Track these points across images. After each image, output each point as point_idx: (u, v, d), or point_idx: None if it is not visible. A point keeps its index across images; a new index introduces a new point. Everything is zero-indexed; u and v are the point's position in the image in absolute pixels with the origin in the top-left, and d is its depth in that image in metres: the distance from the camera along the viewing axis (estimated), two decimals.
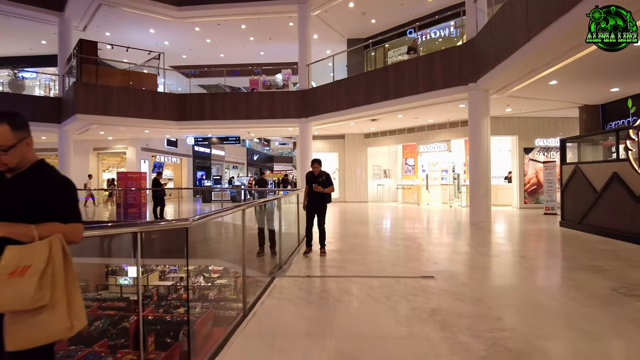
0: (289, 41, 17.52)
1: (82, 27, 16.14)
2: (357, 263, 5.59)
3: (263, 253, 6.73)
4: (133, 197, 12.81)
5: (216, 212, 2.99)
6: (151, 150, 22.23)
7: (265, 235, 6.71)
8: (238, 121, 15.27)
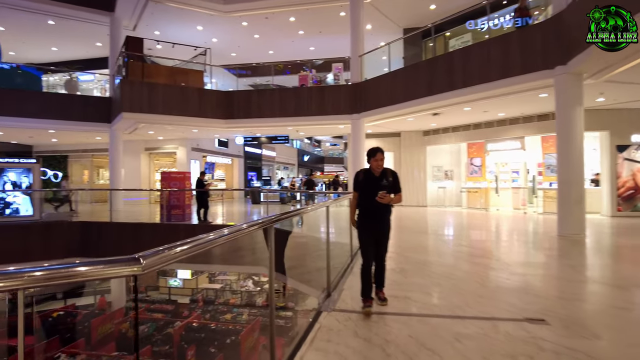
0: (340, 34, 16.35)
1: (132, 27, 15.99)
2: (429, 292, 4.27)
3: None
4: (177, 198, 12.24)
5: (174, 249, 1.93)
6: (202, 150, 22.00)
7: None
8: (286, 118, 14.32)
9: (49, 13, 15.30)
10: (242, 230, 2.03)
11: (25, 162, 11.85)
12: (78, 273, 1.20)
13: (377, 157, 3.91)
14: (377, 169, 3.93)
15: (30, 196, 11.76)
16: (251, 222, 2.19)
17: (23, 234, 10.97)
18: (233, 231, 1.92)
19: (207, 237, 1.75)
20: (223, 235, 1.87)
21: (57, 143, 21.22)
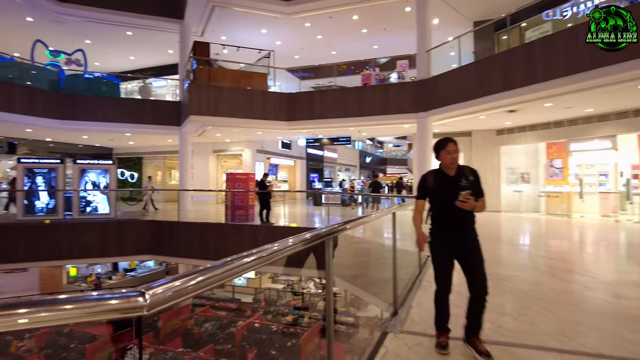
0: (404, 30, 15.70)
1: (200, 32, 16.58)
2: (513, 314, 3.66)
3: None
4: (241, 198, 12.38)
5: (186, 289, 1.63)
6: (266, 152, 22.39)
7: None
8: (348, 119, 13.98)
9: (128, 24, 16.34)
10: (282, 251, 1.72)
11: (103, 164, 12.65)
12: (51, 317, 0.84)
13: (448, 148, 3.00)
14: (452, 165, 3.03)
15: (108, 195, 12.51)
16: (292, 244, 1.83)
17: (101, 231, 11.68)
18: (272, 252, 1.60)
19: (239, 260, 1.48)
20: (260, 257, 1.58)
21: (133, 145, 22.68)
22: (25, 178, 11.83)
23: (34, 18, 15.74)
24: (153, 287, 0.96)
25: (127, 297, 0.91)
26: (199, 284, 1.13)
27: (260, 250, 1.49)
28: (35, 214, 11.83)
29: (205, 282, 1.16)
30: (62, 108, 14.56)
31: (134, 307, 0.90)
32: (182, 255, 11.60)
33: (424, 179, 3.19)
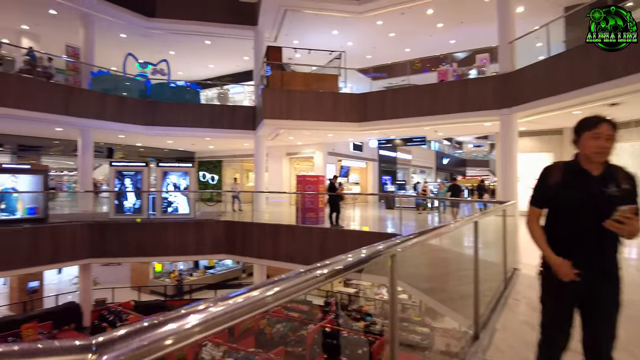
0: (484, 22, 14.62)
1: (274, 38, 16.94)
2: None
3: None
4: (311, 201, 12.34)
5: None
6: (337, 154, 22.30)
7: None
8: (422, 118, 13.31)
9: (207, 34, 17.24)
10: (298, 285, 1.05)
11: (183, 166, 13.38)
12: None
13: (598, 130, 2.03)
14: (599, 158, 2.06)
15: (187, 196, 13.18)
16: (316, 275, 1.13)
17: (181, 230, 12.32)
18: (289, 286, 1.02)
19: (248, 298, 0.86)
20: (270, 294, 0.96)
21: (213, 149, 23.89)
22: (115, 180, 12.89)
23: (127, 34, 17.22)
24: (108, 345, 0.59)
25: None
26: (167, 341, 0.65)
27: (269, 286, 0.98)
28: (124, 213, 12.83)
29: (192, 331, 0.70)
30: (148, 115, 15.71)
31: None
32: (255, 256, 11.82)
33: (546, 173, 2.22)
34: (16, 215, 11.02)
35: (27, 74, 13.35)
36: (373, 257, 1.38)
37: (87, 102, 14.11)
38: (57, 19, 15.62)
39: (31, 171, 11.73)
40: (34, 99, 12.68)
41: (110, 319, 12.95)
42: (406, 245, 1.64)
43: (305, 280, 1.05)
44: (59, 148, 20.43)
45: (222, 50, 19.23)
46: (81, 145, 15.20)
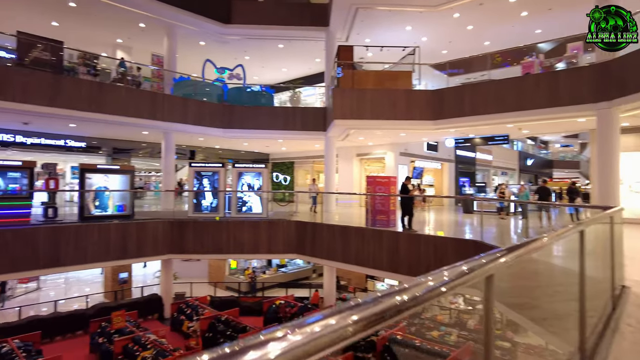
0: (577, 7, 13.09)
1: (345, 38, 16.77)
2: None
3: None
4: (382, 203, 11.92)
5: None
6: (410, 155, 21.53)
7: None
8: (505, 114, 12.23)
9: (280, 37, 17.58)
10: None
11: (257, 167, 13.69)
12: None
13: None
14: None
15: (260, 196, 13.45)
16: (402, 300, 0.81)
17: (254, 229, 12.60)
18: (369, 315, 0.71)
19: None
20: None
21: (286, 151, 24.36)
22: (194, 180, 13.55)
23: (205, 42, 18.14)
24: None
25: None
26: None
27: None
28: (202, 212, 13.43)
29: None
30: (225, 118, 16.38)
31: None
32: (325, 257, 11.69)
33: None
34: (107, 212, 12.03)
35: (119, 83, 14.58)
36: (460, 280, 1.07)
37: (171, 107, 15.05)
38: (145, 31, 16.91)
39: (120, 171, 12.77)
40: (126, 106, 13.79)
41: (188, 312, 13.62)
42: (507, 260, 1.29)
43: (382, 310, 0.78)
44: (146, 150, 22.13)
45: (295, 53, 19.50)
46: (164, 147, 16.26)
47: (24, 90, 11.70)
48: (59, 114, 12.60)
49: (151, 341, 10.59)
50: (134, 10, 15.01)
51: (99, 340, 11.60)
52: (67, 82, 12.68)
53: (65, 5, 14.63)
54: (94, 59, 13.91)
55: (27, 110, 12.08)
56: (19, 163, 10.89)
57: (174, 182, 17.55)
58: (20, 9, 14.97)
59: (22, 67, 12.16)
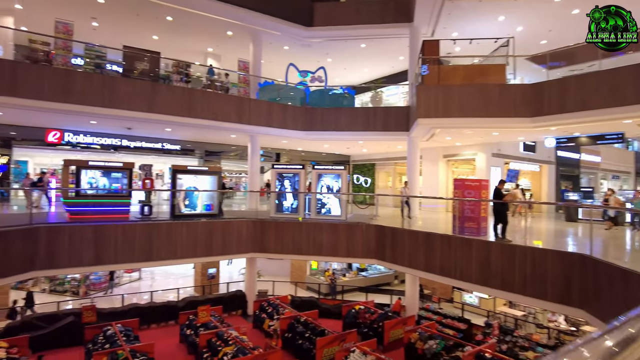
0: None
1: (430, 33, 15.90)
2: None
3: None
4: (471, 209, 10.96)
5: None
6: (503, 156, 19.80)
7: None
8: (622, 108, 10.44)
9: (362, 37, 17.27)
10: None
11: (336, 169, 13.51)
12: None
13: None
14: None
15: (339, 198, 13.24)
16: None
17: (333, 231, 12.41)
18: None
19: None
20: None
21: (367, 153, 23.95)
22: (277, 181, 13.78)
23: (289, 46, 18.49)
24: None
25: None
26: None
27: None
28: (283, 212, 13.60)
29: None
30: (307, 121, 16.51)
31: None
32: (405, 264, 11.09)
33: None
34: (196, 211, 12.72)
35: (209, 89, 15.42)
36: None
37: (256, 110, 15.55)
38: (232, 38, 17.73)
39: (208, 172, 13.44)
40: (214, 110, 14.54)
41: (269, 310, 13.87)
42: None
43: None
44: (236, 153, 23.26)
45: (377, 52, 19.05)
46: (250, 149, 16.87)
47: (128, 99, 12.87)
48: (156, 119, 13.66)
49: (233, 337, 10.89)
50: (223, 19, 15.77)
51: (187, 331, 12.29)
52: (163, 89, 13.70)
53: (163, 20, 15.87)
54: (186, 67, 14.86)
55: (130, 116, 13.29)
56: (120, 164, 12.00)
57: (259, 182, 18.12)
58: (128, 26, 16.58)
59: (127, 78, 13.38)
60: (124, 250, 10.74)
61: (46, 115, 14.09)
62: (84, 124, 16.53)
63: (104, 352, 9.68)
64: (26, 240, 9.26)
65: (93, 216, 10.94)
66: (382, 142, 18.35)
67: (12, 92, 11.30)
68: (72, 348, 11.56)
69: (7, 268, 8.88)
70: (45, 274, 11.31)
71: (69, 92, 11.91)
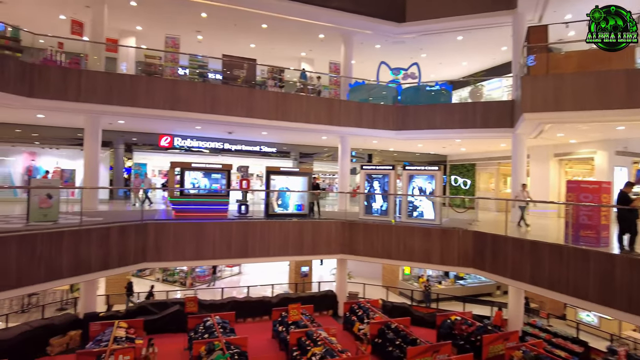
0: None
1: (537, 19, 14.28)
2: None
3: None
4: (588, 215, 9.48)
5: None
6: (632, 154, 16.99)
7: None
8: None
9: (459, 29, 16.20)
10: None
11: (429, 169, 12.76)
12: None
13: None
14: None
15: (433, 201, 12.51)
16: None
17: (425, 236, 11.77)
18: None
19: None
20: None
21: (465, 152, 22.44)
22: (366, 182, 13.53)
23: (381, 44, 18.12)
24: None
25: None
26: None
27: None
28: (372, 214, 13.30)
29: None
30: (398, 120, 16.01)
31: None
32: (508, 275, 10.01)
33: None
34: (288, 210, 13.05)
35: (301, 92, 15.76)
36: None
37: (346, 112, 15.51)
38: (324, 41, 17.93)
39: (299, 173, 13.71)
40: (306, 113, 14.85)
41: (359, 313, 13.66)
42: None
43: None
44: (328, 154, 23.55)
45: (476, 44, 17.75)
46: (340, 151, 16.88)
47: (227, 105, 13.75)
48: (252, 123, 14.38)
49: (322, 338, 10.90)
50: (315, 23, 16.03)
51: (279, 328, 12.65)
52: (258, 95, 14.35)
53: (258, 28, 16.65)
54: (280, 72, 15.37)
55: (230, 121, 14.18)
56: (219, 166, 12.83)
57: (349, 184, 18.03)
58: (228, 36, 17.74)
59: (226, 85, 14.27)
60: (222, 246, 11.43)
61: (158, 122, 15.71)
62: (191, 130, 18.10)
63: (203, 342, 10.37)
64: (138, 235, 10.34)
65: (195, 214, 11.83)
66: (483, 141, 17.02)
67: (132, 102, 12.79)
68: (177, 334, 12.64)
69: (125, 258, 10.01)
70: (154, 266, 12.53)
71: (176, 101, 13.11)
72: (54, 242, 8.29)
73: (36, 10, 15.40)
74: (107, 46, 14.99)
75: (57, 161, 18.71)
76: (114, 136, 19.05)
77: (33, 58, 12.38)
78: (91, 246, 9.05)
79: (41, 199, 9.16)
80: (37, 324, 11.44)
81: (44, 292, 16.22)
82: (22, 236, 7.82)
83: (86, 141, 13.49)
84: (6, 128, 17.47)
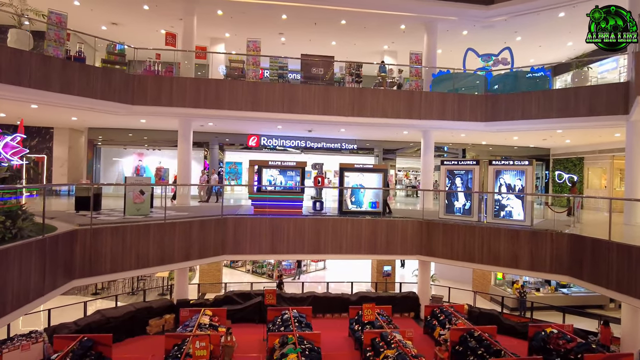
0: None
1: None
2: None
3: None
4: None
5: None
6: None
7: None
8: None
9: (559, 4, 14.34)
10: None
11: (519, 165, 11.47)
12: None
13: None
14: None
15: (523, 200, 11.28)
16: None
17: (513, 238, 10.66)
18: None
19: None
20: None
21: (571, 144, 19.91)
22: (447, 179, 12.69)
23: (468, 30, 16.82)
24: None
25: None
26: None
27: None
28: (453, 214, 12.43)
29: None
30: (487, 110, 14.73)
31: None
32: (612, 287, 8.56)
33: None
34: (362, 208, 12.81)
35: (380, 87, 15.35)
36: None
37: (428, 104, 14.70)
38: (406, 33, 17.24)
39: (373, 170, 13.37)
40: (384, 108, 14.43)
41: (441, 318, 12.94)
42: None
43: None
44: (414, 149, 22.67)
45: (583, 19, 15.39)
46: (423, 145, 16.10)
47: (304, 103, 13.96)
48: (328, 120, 14.41)
49: (396, 341, 10.53)
50: (396, 14, 15.47)
51: (355, 326, 12.52)
52: (334, 92, 14.30)
53: (338, 24, 16.58)
54: (357, 67, 15.12)
55: (307, 119, 14.39)
56: (293, 163, 13.09)
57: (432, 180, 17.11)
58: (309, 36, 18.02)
59: (304, 84, 14.47)
60: (295, 241, 11.66)
61: (243, 123, 16.55)
62: (274, 129, 18.78)
63: (278, 334, 10.70)
64: (218, 228, 11.01)
65: (272, 210, 12.22)
66: (590, 131, 14.86)
67: (217, 105, 13.67)
68: (257, 325, 13.24)
69: (205, 250, 10.74)
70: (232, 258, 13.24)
71: (256, 101, 13.68)
72: (142, 233, 9.20)
73: (140, 28, 17.30)
74: (197, 54, 16.19)
75: (160, 161, 20.87)
76: (209, 137, 20.63)
77: (135, 70, 13.90)
78: (174, 238, 9.87)
79: (135, 195, 10.23)
80: (140, 306, 12.88)
81: (150, 278, 18.24)
82: (115, 228, 8.81)
83: (180, 142, 14.74)
84: (121, 133, 19.96)
